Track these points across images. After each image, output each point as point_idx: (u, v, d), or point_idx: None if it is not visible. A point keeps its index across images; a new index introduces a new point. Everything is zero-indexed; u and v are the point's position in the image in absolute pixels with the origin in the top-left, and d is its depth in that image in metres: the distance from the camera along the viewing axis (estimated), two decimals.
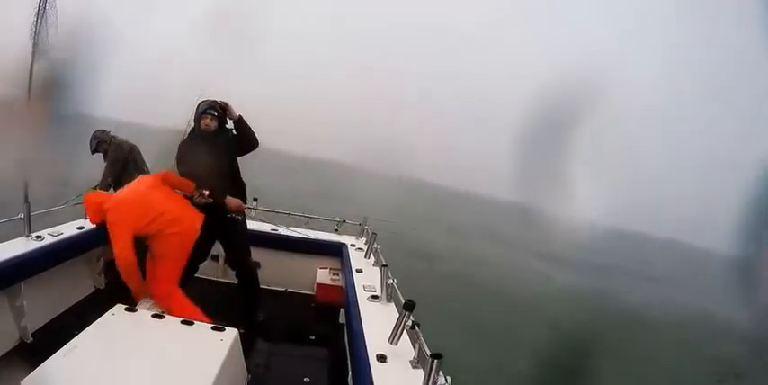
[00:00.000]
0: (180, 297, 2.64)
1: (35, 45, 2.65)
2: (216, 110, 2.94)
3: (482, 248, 13.90)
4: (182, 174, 2.95)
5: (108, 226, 2.55)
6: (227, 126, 3.03)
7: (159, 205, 2.65)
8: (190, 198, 2.95)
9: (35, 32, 2.65)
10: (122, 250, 2.50)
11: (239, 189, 3.14)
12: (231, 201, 3.01)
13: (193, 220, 2.72)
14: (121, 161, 3.84)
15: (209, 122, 2.94)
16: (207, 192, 2.90)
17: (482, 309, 7.61)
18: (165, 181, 2.86)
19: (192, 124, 3.06)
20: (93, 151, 3.92)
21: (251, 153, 3.12)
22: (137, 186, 2.74)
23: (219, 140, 2.98)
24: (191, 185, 2.94)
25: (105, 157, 3.89)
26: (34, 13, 2.65)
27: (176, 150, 3.06)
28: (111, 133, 3.95)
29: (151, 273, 2.66)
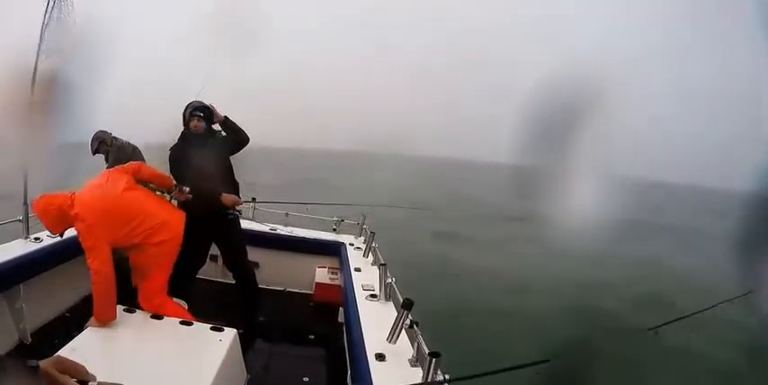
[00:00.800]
0: (172, 306, 2.48)
1: (40, 44, 2.66)
2: (202, 111, 2.99)
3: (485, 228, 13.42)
4: (176, 178, 2.91)
5: (79, 236, 2.24)
6: (214, 127, 3.07)
7: (140, 210, 2.38)
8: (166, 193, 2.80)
9: (41, 32, 2.66)
10: (103, 264, 2.20)
11: (234, 188, 3.15)
12: (227, 198, 3.03)
13: (178, 222, 2.50)
14: (124, 163, 3.83)
15: (197, 123, 2.97)
16: (187, 189, 2.77)
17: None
18: (137, 175, 2.60)
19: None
20: (95, 152, 3.90)
21: (243, 151, 3.15)
22: (110, 188, 2.39)
23: (211, 141, 3.02)
24: (168, 180, 2.77)
25: (107, 159, 3.87)
26: (43, 13, 2.66)
27: (167, 154, 3.05)
28: (113, 135, 3.93)
29: (141, 287, 2.43)
